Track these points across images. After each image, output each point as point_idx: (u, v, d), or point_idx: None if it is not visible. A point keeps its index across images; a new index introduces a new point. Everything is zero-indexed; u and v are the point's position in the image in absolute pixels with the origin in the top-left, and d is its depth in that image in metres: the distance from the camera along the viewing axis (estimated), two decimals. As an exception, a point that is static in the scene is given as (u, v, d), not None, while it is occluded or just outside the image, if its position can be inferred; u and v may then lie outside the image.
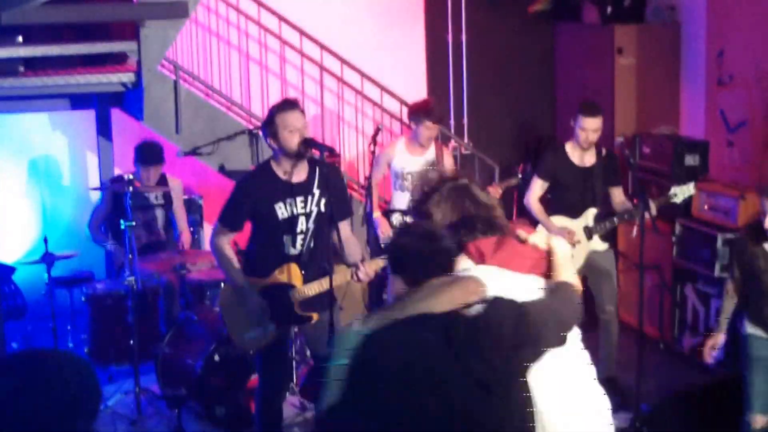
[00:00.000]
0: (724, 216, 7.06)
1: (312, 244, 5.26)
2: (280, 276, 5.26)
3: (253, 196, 5.20)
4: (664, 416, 5.88)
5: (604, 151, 6.71)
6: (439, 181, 3.27)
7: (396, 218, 7.14)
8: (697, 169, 7.56)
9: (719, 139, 7.94)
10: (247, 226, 5.36)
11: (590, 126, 6.50)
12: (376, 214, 7.23)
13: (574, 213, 6.71)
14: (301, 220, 5.21)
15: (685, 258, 7.39)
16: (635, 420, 6.14)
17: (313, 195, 5.21)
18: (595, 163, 6.67)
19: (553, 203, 6.79)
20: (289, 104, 5.20)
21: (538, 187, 6.75)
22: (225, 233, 5.28)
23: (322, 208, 5.23)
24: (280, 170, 5.20)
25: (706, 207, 7.21)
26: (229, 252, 5.28)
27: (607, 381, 6.78)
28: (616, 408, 6.37)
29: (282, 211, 5.18)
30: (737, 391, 5.91)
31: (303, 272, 5.27)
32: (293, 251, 5.26)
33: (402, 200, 7.15)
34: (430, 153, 7.20)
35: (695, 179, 7.21)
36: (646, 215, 6.18)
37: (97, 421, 4.86)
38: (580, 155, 6.66)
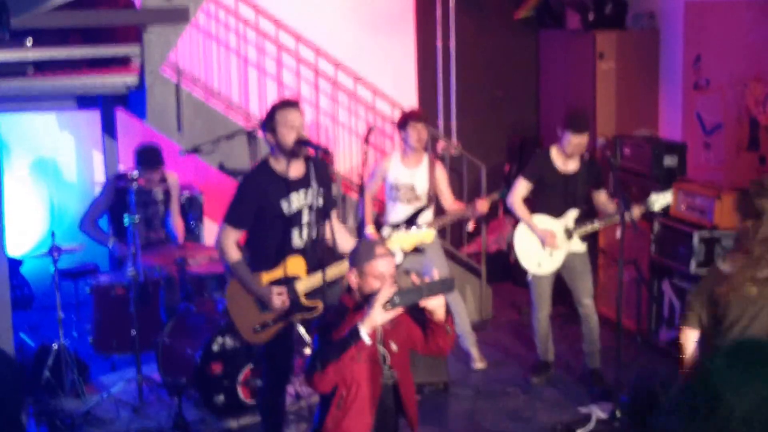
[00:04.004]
0: (700, 215, 7.13)
1: (314, 236, 5.31)
2: (285, 268, 5.31)
3: (258, 193, 5.24)
4: (641, 406, 6.10)
5: (587, 156, 6.83)
6: None
7: (386, 230, 7.11)
8: (675, 169, 7.62)
9: (696, 141, 7.99)
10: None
11: (576, 141, 6.64)
12: (369, 230, 7.19)
13: (556, 214, 6.84)
14: (305, 212, 5.29)
15: (663, 254, 7.44)
16: (615, 410, 6.32)
17: (311, 188, 5.26)
18: (579, 169, 6.79)
19: (536, 204, 6.90)
20: (289, 103, 5.32)
21: (522, 188, 6.85)
22: (232, 233, 5.29)
23: (320, 202, 5.33)
24: (279, 167, 5.28)
25: (683, 206, 7.27)
26: (237, 253, 5.30)
27: (592, 373, 6.97)
28: (599, 398, 6.67)
29: (286, 205, 5.25)
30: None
31: (307, 264, 5.35)
32: (299, 243, 5.32)
33: (395, 211, 7.22)
34: (424, 166, 7.21)
35: (673, 182, 7.31)
36: (627, 217, 6.28)
37: (99, 407, 5.00)
38: (564, 160, 6.79)
